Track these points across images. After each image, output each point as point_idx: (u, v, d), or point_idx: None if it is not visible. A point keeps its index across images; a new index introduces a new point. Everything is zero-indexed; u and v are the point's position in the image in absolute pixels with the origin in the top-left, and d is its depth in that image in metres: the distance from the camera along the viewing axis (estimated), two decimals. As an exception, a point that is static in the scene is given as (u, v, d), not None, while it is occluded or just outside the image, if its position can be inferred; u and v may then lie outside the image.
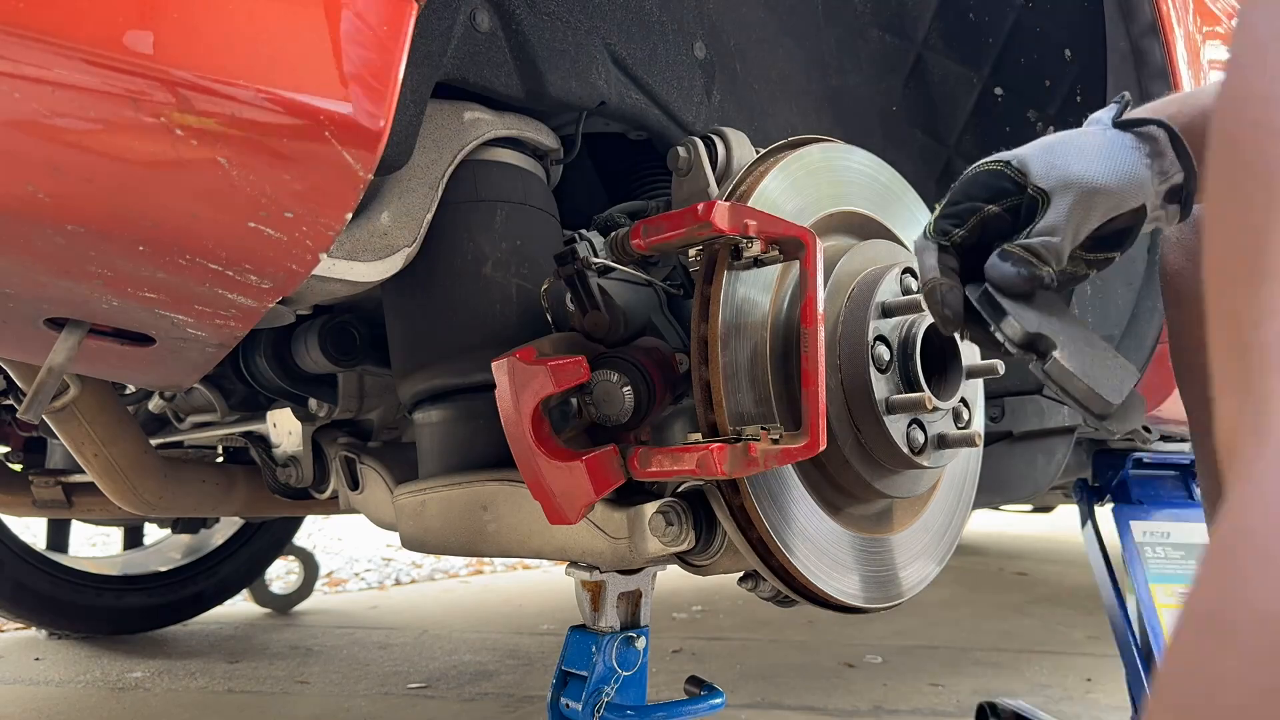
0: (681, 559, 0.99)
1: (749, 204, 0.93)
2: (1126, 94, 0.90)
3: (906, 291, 0.99)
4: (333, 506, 1.62)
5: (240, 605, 3.17)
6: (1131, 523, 1.74)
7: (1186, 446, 1.94)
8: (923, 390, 0.95)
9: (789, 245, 0.91)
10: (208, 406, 1.62)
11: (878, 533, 1.04)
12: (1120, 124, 0.85)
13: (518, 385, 0.86)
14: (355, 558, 4.66)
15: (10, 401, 1.73)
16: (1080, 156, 0.83)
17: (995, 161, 0.86)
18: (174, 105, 0.64)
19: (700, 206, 0.85)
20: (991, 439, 1.59)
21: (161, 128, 0.64)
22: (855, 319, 0.96)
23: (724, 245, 0.90)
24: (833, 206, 1.03)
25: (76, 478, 2.08)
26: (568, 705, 1.06)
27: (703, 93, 1.18)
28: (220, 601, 2.95)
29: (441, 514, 1.08)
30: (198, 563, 2.88)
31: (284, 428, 1.51)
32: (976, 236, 0.86)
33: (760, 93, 1.29)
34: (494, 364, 0.89)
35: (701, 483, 0.94)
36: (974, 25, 1.48)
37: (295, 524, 3.09)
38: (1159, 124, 0.84)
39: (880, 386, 0.94)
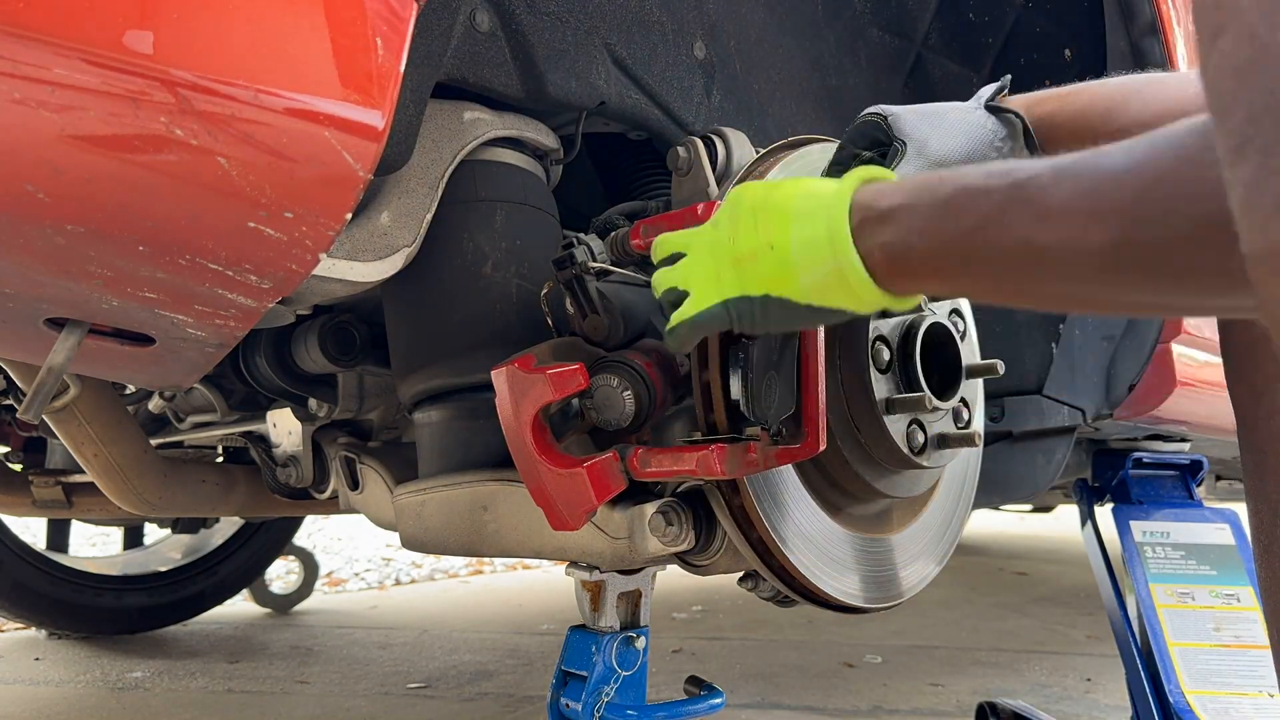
0: (681, 559, 0.99)
1: (749, 204, 0.93)
2: (1009, 76, 0.93)
3: (906, 291, 0.99)
4: (333, 506, 1.62)
5: (240, 605, 3.17)
6: (1131, 523, 1.74)
7: (1186, 446, 1.94)
8: (923, 390, 0.95)
9: (789, 245, 0.90)
10: (208, 406, 1.62)
11: (877, 532, 1.04)
12: (989, 106, 0.89)
13: (517, 394, 0.87)
14: (355, 558, 4.65)
15: (10, 401, 1.73)
16: (940, 127, 0.86)
17: (873, 114, 0.90)
18: (174, 105, 0.64)
19: (700, 206, 0.85)
20: (991, 439, 1.59)
21: (161, 128, 0.64)
22: (854, 319, 0.96)
23: (724, 245, 0.89)
24: (833, 206, 1.03)
25: (76, 478, 2.08)
26: (568, 705, 1.06)
27: (703, 93, 1.18)
28: (220, 601, 2.94)
29: (441, 514, 1.08)
30: (198, 563, 2.87)
31: (284, 428, 1.51)
32: None
33: (760, 93, 1.29)
34: (493, 373, 0.89)
35: (701, 483, 0.94)
36: (974, 25, 1.48)
37: (295, 524, 3.08)
38: (1017, 115, 0.88)
39: (880, 386, 0.94)
